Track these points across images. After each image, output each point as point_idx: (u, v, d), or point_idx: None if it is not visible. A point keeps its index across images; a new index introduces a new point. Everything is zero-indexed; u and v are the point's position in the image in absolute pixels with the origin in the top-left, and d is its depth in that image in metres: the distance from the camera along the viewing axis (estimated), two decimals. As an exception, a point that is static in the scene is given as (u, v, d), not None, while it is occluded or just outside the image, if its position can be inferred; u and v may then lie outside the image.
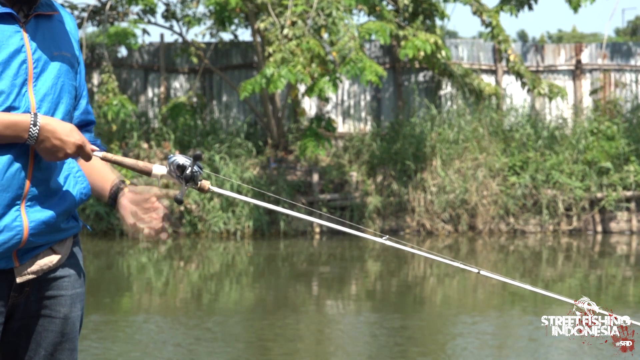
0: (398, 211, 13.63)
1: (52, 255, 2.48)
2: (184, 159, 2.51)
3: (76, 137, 2.39)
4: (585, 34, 40.22)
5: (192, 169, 2.49)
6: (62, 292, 2.52)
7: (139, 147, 13.81)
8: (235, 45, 15.45)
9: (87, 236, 13.14)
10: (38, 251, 2.44)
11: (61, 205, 2.47)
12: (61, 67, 2.49)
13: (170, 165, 2.51)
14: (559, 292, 9.46)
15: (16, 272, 2.41)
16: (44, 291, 2.48)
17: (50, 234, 2.45)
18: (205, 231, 13.22)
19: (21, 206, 2.38)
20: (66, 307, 2.52)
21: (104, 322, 7.86)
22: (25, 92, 2.39)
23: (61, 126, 2.38)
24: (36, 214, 2.40)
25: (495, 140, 14.18)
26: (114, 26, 13.93)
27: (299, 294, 9.58)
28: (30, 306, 2.47)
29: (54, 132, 2.36)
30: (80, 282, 2.58)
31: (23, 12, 2.45)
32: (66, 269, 2.54)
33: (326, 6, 12.55)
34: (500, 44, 14.51)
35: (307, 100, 15.29)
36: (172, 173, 2.51)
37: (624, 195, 13.65)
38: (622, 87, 15.61)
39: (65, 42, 2.54)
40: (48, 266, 2.47)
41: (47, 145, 2.36)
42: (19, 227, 2.36)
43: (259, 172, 13.77)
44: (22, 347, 2.49)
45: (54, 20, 2.53)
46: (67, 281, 2.54)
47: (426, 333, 7.63)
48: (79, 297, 2.57)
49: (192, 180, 2.51)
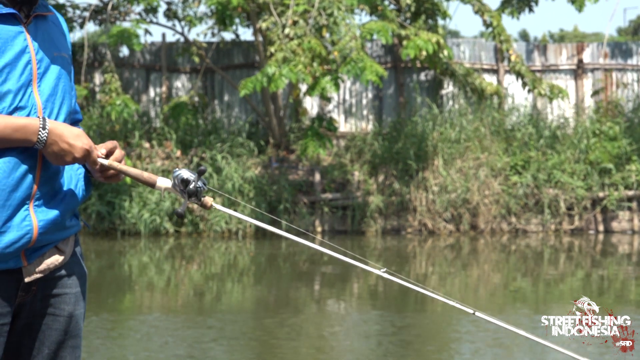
0: (400, 210, 13.63)
1: (58, 254, 2.50)
2: (189, 173, 2.51)
3: (84, 142, 2.41)
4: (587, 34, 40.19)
5: (195, 184, 2.50)
6: (67, 290, 2.54)
7: (140, 147, 13.82)
8: (236, 45, 15.46)
9: (88, 235, 13.15)
10: (44, 250, 2.46)
11: (66, 204, 2.49)
12: (61, 67, 2.51)
13: (174, 179, 2.51)
14: (561, 292, 9.47)
15: (24, 272, 2.43)
16: (49, 290, 2.50)
17: (56, 232, 2.47)
18: (207, 231, 13.23)
19: (30, 206, 2.39)
20: (70, 305, 2.54)
21: (106, 321, 7.87)
22: (31, 92, 2.40)
23: (69, 130, 2.40)
24: (44, 213, 2.42)
25: (497, 140, 14.18)
26: (117, 26, 13.94)
27: (300, 294, 9.58)
28: (35, 305, 2.49)
29: (62, 135, 2.38)
30: (83, 280, 2.60)
31: (23, 12, 2.45)
32: (70, 267, 2.56)
33: (328, 6, 12.55)
34: (502, 43, 14.51)
35: (308, 100, 15.30)
36: (175, 187, 2.51)
37: (625, 194, 13.65)
38: (623, 87, 15.60)
39: (62, 43, 2.56)
40: (54, 265, 2.48)
41: (55, 149, 2.37)
42: (29, 227, 2.38)
43: (260, 171, 13.78)
44: (26, 345, 2.50)
45: (48, 21, 2.54)
46: (71, 279, 2.56)
47: (427, 332, 7.64)
48: (82, 295, 2.59)
49: (195, 195, 2.51)
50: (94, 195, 13.21)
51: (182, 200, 2.52)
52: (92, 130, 13.82)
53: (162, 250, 12.34)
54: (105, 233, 13.29)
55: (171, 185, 2.51)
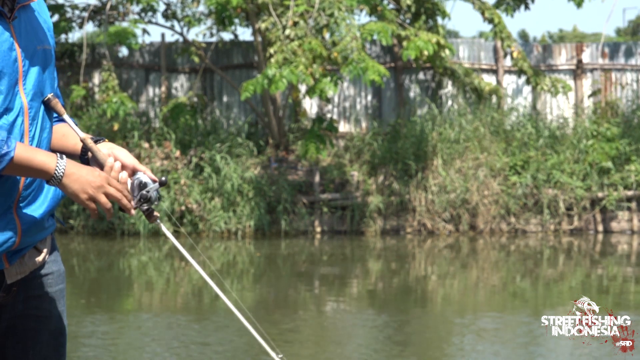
0: (399, 211, 13.63)
1: (37, 254, 2.49)
2: (149, 179, 2.50)
3: (97, 179, 2.38)
4: (587, 34, 40.18)
5: (153, 193, 2.49)
6: (47, 289, 2.53)
7: (140, 147, 13.81)
8: (236, 45, 15.45)
9: (87, 236, 13.15)
10: (25, 251, 2.45)
11: (46, 205, 2.47)
12: (44, 61, 2.46)
13: (134, 180, 2.49)
14: (560, 292, 9.46)
15: (6, 274, 2.41)
16: (30, 290, 2.49)
17: (37, 233, 2.46)
18: (206, 231, 13.23)
19: (13, 209, 2.38)
20: (52, 304, 2.53)
21: (104, 321, 7.87)
22: (17, 91, 2.36)
23: (83, 167, 2.37)
24: (27, 216, 2.40)
25: (496, 140, 14.18)
26: (115, 26, 13.93)
27: (300, 294, 9.58)
28: (17, 306, 2.47)
29: (79, 169, 2.36)
30: (62, 277, 2.59)
31: (7, 6, 2.38)
32: (49, 266, 2.55)
33: (328, 6, 12.54)
34: (503, 41, 14.49)
35: (307, 100, 15.29)
36: (134, 188, 2.49)
37: (625, 194, 13.65)
38: (622, 88, 15.59)
39: (44, 34, 2.50)
40: (35, 265, 2.48)
41: (74, 186, 2.34)
42: (13, 230, 2.37)
43: (259, 171, 13.77)
44: (10, 347, 2.48)
45: (30, 9, 2.48)
46: (51, 278, 2.54)
47: (427, 332, 7.63)
48: (62, 293, 2.58)
49: (148, 201, 2.49)
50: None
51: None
52: (92, 130, 13.81)
53: (161, 250, 12.33)
54: (104, 233, 13.28)
55: (129, 186, 2.49)
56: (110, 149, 2.54)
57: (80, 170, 2.34)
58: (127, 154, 2.55)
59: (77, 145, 2.59)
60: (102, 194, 2.36)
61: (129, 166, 2.52)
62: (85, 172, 2.35)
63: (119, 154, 2.53)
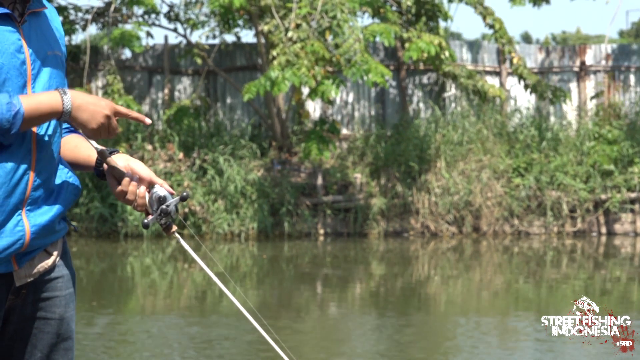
0: (402, 213, 13.63)
1: (47, 257, 2.49)
2: (168, 193, 2.51)
3: (102, 99, 2.43)
4: (590, 36, 40.16)
5: (173, 206, 2.50)
6: (57, 292, 2.52)
7: (143, 149, 13.83)
8: (239, 47, 15.47)
9: (91, 238, 13.16)
10: (34, 254, 2.44)
11: (57, 208, 2.47)
12: (54, 67, 2.47)
13: (152, 194, 2.50)
14: (563, 294, 9.46)
15: (15, 276, 2.41)
16: (39, 293, 2.48)
17: (47, 236, 2.45)
18: (210, 233, 13.24)
19: (22, 211, 2.37)
20: (61, 308, 2.52)
21: (108, 323, 7.88)
22: (26, 94, 2.36)
23: (84, 95, 2.41)
24: (36, 217, 2.40)
25: (499, 142, 14.18)
26: (118, 28, 13.94)
27: (303, 296, 9.58)
28: (26, 309, 2.47)
29: (84, 98, 2.39)
30: (72, 281, 2.58)
31: (17, 11, 2.40)
32: (59, 269, 2.54)
33: (330, 8, 12.55)
34: (504, 46, 14.51)
35: (311, 102, 15.30)
36: (152, 202, 2.50)
37: (628, 196, 13.64)
38: (625, 90, 15.58)
39: (55, 40, 2.51)
40: (44, 268, 2.47)
41: (85, 115, 2.38)
42: (22, 232, 2.36)
43: (263, 173, 13.78)
44: (18, 349, 2.48)
45: (42, 16, 2.49)
46: (61, 282, 2.54)
47: (430, 333, 7.63)
48: (72, 297, 2.57)
49: (168, 215, 2.50)
50: (97, 198, 13.22)
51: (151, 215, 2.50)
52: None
53: (164, 252, 12.34)
54: (107, 235, 13.29)
55: (147, 200, 2.50)
56: (126, 161, 2.55)
57: (86, 100, 2.39)
58: (143, 166, 2.56)
59: (90, 156, 2.60)
60: (109, 120, 2.43)
61: (145, 179, 2.53)
62: (92, 100, 2.40)
63: (135, 167, 2.54)
